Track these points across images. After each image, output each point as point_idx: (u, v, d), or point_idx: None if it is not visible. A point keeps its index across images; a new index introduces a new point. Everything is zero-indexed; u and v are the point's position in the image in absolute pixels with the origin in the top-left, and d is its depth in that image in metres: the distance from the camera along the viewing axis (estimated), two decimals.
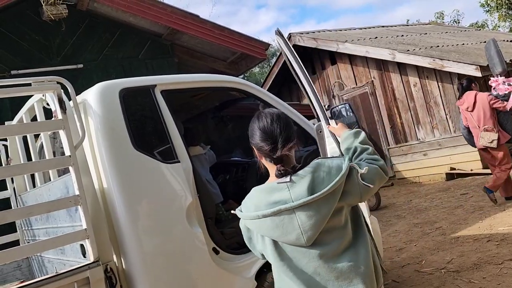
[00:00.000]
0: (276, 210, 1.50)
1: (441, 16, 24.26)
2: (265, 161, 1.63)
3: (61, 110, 2.27)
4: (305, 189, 1.50)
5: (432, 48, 10.07)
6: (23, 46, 5.54)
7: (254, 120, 1.68)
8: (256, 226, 1.58)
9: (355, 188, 1.57)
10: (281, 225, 1.51)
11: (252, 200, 1.61)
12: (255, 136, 1.63)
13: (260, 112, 1.70)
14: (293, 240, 1.52)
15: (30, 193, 3.34)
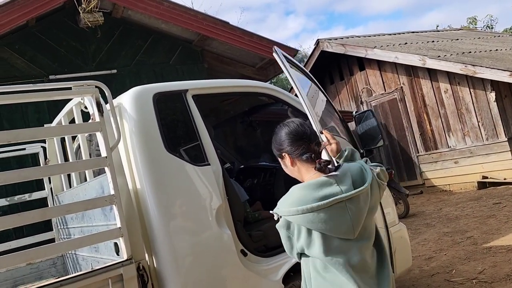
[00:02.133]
0: (332, 200, 1.58)
1: (474, 21, 23.68)
2: (300, 162, 1.72)
3: (98, 113, 2.36)
4: (350, 184, 1.63)
5: (464, 54, 9.87)
6: (61, 52, 5.76)
7: (280, 129, 1.79)
8: (306, 220, 1.59)
9: (375, 185, 1.74)
10: (334, 217, 1.59)
11: (293, 197, 1.65)
12: (286, 142, 1.74)
13: (282, 123, 1.82)
14: (344, 232, 1.61)
15: (67, 193, 3.47)
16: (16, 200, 3.86)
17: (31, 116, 5.37)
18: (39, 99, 2.44)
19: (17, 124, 5.18)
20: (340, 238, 1.61)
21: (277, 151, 1.79)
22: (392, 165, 10.90)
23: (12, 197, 3.88)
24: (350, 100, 12.15)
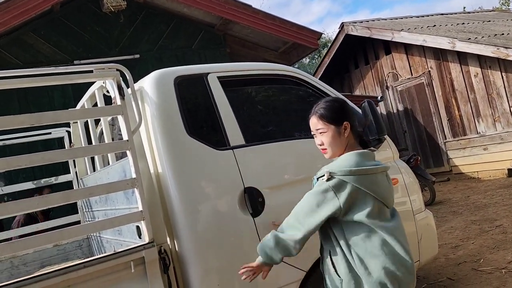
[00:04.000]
0: (382, 167, 1.87)
1: (507, 2, 22.75)
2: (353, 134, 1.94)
3: (120, 97, 2.35)
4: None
5: (496, 36, 9.48)
6: (85, 37, 5.81)
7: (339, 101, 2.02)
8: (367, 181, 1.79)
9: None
10: (382, 183, 1.85)
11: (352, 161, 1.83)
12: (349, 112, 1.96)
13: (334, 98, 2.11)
14: (387, 198, 1.86)
15: (91, 177, 3.52)
16: (43, 183, 3.94)
17: (57, 101, 5.46)
18: (61, 82, 2.44)
19: (44, 109, 5.27)
20: (383, 204, 1.82)
21: (337, 118, 1.91)
22: (418, 152, 10.67)
23: (38, 180, 3.96)
24: (375, 85, 11.90)
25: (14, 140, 3.87)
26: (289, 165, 2.87)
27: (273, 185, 2.73)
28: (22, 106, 5.18)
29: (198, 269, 2.43)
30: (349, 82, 12.72)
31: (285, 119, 3.24)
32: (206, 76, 2.81)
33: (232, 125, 2.74)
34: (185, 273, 2.43)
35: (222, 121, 2.72)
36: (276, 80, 3.15)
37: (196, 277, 2.42)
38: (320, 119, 1.94)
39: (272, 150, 2.84)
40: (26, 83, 2.39)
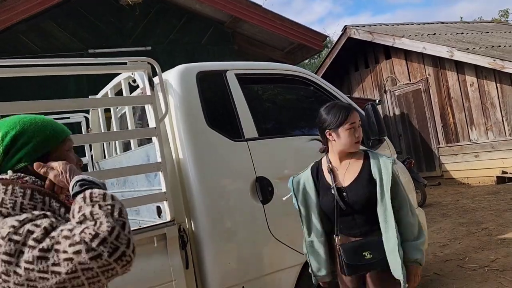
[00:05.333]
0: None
1: (506, 14, 23.13)
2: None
3: (149, 88, 2.59)
4: None
5: (493, 47, 9.79)
6: (100, 28, 6.02)
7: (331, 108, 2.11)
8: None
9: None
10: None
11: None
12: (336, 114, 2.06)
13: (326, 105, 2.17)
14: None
15: (108, 160, 3.75)
16: None
17: (72, 86, 5.66)
18: (95, 72, 2.68)
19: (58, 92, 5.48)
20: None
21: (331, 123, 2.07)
22: (412, 155, 10.98)
23: None
24: (374, 88, 12.19)
25: None
26: (296, 158, 3.12)
27: (282, 176, 2.98)
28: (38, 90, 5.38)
29: (211, 248, 2.68)
30: (349, 84, 13.00)
31: (294, 116, 3.50)
32: (225, 72, 3.05)
33: (247, 119, 2.98)
34: (199, 251, 2.68)
35: (238, 114, 2.97)
36: (288, 80, 3.40)
37: (210, 255, 2.66)
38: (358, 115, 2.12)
39: (282, 144, 3.10)
40: (62, 71, 2.63)
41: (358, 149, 2.11)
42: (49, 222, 1.01)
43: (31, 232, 0.98)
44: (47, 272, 0.95)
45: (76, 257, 0.94)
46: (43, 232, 0.98)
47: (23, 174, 1.20)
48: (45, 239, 0.97)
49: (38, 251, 0.95)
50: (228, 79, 3.04)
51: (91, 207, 1.02)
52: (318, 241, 2.15)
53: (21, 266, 0.96)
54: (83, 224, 0.99)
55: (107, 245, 0.95)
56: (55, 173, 1.18)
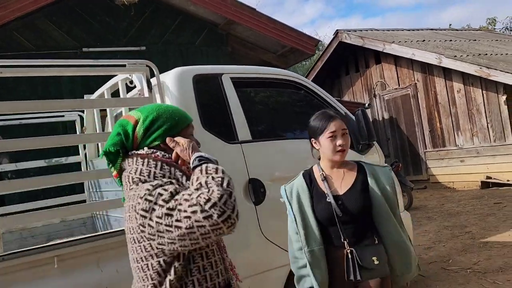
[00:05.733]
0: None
1: (493, 22, 23.57)
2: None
3: (147, 90, 2.66)
4: None
5: (480, 55, 10.02)
6: (94, 27, 6.04)
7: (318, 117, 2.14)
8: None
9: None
10: None
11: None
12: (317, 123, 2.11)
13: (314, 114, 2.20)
14: None
15: (103, 159, 3.79)
16: (54, 162, 4.20)
17: (65, 85, 5.68)
18: (93, 73, 2.73)
19: (51, 91, 5.51)
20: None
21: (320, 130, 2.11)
22: (399, 159, 11.16)
23: (50, 159, 4.22)
24: (364, 92, 12.36)
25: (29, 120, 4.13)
26: (288, 161, 3.20)
27: (274, 178, 3.07)
28: (30, 89, 5.40)
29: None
30: (339, 88, 13.15)
31: (287, 119, 3.59)
32: (221, 76, 3.13)
33: (241, 122, 3.06)
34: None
35: (232, 117, 3.05)
36: (281, 84, 3.49)
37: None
38: (343, 122, 2.11)
39: (275, 147, 3.18)
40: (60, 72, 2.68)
41: (341, 158, 2.09)
42: (174, 188, 1.28)
43: (161, 195, 1.27)
44: (171, 226, 1.21)
45: (193, 215, 1.19)
46: (170, 195, 1.26)
47: (155, 150, 1.46)
48: (171, 200, 1.24)
49: (165, 209, 1.23)
50: (223, 82, 3.12)
51: (205, 178, 1.26)
52: (318, 250, 2.04)
53: (153, 220, 1.25)
54: (199, 190, 1.23)
55: (217, 208, 1.18)
56: (181, 148, 1.43)
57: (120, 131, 1.47)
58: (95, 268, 2.37)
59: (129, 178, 1.39)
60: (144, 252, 1.31)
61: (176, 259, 1.29)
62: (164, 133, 1.47)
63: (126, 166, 1.45)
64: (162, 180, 1.33)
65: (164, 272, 1.29)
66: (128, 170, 1.42)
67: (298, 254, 2.09)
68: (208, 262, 1.36)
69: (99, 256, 2.38)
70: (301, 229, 2.06)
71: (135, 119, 1.48)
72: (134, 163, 1.42)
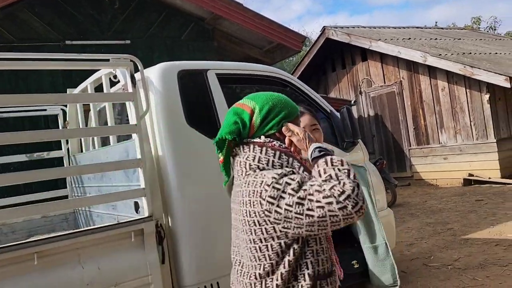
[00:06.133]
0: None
1: (478, 21, 23.90)
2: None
3: (131, 85, 2.63)
4: None
5: (464, 54, 10.15)
6: (78, 19, 5.94)
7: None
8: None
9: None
10: None
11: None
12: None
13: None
14: None
15: (86, 154, 3.74)
16: (36, 157, 4.12)
17: (46, 78, 5.58)
18: (79, 68, 2.68)
19: (31, 84, 5.40)
20: None
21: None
22: (384, 156, 11.27)
23: (31, 154, 4.14)
24: (350, 89, 12.42)
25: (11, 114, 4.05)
26: None
27: None
28: (12, 82, 5.29)
29: (188, 244, 2.74)
30: (325, 84, 13.20)
31: None
32: (206, 72, 3.11)
33: None
34: (176, 246, 2.74)
35: (217, 113, 3.03)
36: (267, 81, 3.48)
37: (186, 250, 2.73)
38: (314, 117, 2.07)
39: None
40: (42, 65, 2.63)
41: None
42: (300, 178, 1.35)
43: (288, 184, 1.34)
44: (302, 214, 1.30)
45: (327, 206, 1.27)
46: (298, 185, 1.33)
47: (272, 139, 1.50)
48: (299, 190, 1.32)
49: (296, 198, 1.31)
50: (208, 78, 3.10)
51: (333, 170, 1.33)
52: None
53: (282, 207, 1.33)
54: (329, 182, 1.30)
55: (351, 200, 1.27)
56: (298, 137, 1.48)
57: (238, 120, 1.52)
58: (76, 265, 2.35)
59: (245, 164, 1.46)
60: (265, 234, 1.39)
61: (296, 242, 1.38)
62: (279, 122, 1.52)
63: (239, 153, 1.50)
64: (285, 169, 1.40)
65: (283, 253, 1.39)
66: (244, 157, 1.48)
67: None
68: (320, 247, 1.44)
69: (80, 252, 2.36)
70: None
71: (251, 108, 1.53)
72: (251, 150, 1.48)
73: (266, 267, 1.40)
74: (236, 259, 1.53)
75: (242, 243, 1.47)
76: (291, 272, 1.39)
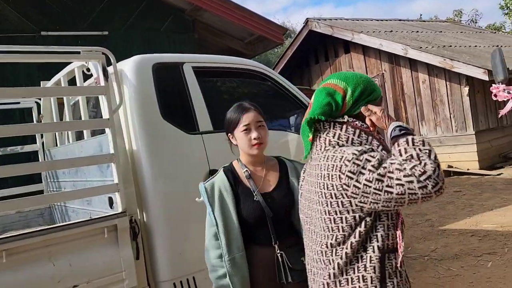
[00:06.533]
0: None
1: (459, 14, 24.17)
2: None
3: (104, 78, 2.57)
4: None
5: (445, 47, 10.26)
6: (54, 9, 5.79)
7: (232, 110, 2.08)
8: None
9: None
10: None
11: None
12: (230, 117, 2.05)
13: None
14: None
15: (60, 149, 3.67)
16: (9, 151, 4.03)
17: (22, 71, 5.44)
18: (47, 60, 2.63)
19: (7, 76, 5.26)
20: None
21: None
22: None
23: (4, 148, 4.04)
24: None
25: None
26: None
27: None
28: None
29: (163, 239, 2.72)
30: (309, 76, 13.20)
31: None
32: (182, 65, 3.06)
33: (203, 112, 3.02)
34: (151, 241, 2.72)
35: (193, 107, 2.99)
36: (245, 74, 3.44)
37: (161, 246, 2.71)
38: (260, 114, 2.01)
39: None
40: (12, 59, 2.56)
41: (259, 152, 1.97)
42: (379, 156, 1.40)
43: (369, 161, 1.38)
44: (380, 191, 1.35)
45: (408, 184, 1.31)
46: (378, 162, 1.37)
47: (354, 119, 1.56)
48: (379, 167, 1.36)
49: (376, 175, 1.35)
50: (185, 71, 3.05)
51: (414, 150, 1.35)
52: (240, 257, 1.92)
53: (361, 182, 1.38)
54: (410, 162, 1.33)
55: (431, 180, 1.30)
56: (377, 116, 1.52)
57: (331, 101, 1.56)
58: (47, 262, 2.31)
59: (325, 140, 1.54)
60: (340, 207, 1.45)
61: (369, 215, 1.43)
62: (366, 103, 1.57)
63: (320, 129, 1.58)
64: (365, 147, 1.46)
65: (356, 226, 1.44)
66: (325, 133, 1.56)
67: (216, 262, 1.94)
68: (391, 222, 1.47)
69: (51, 249, 2.32)
70: (223, 234, 1.91)
71: (343, 89, 1.57)
72: (332, 128, 1.55)
73: (339, 237, 1.47)
74: (306, 227, 1.62)
75: (316, 214, 1.53)
76: (361, 243, 1.45)
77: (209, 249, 1.99)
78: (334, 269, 1.48)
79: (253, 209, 1.94)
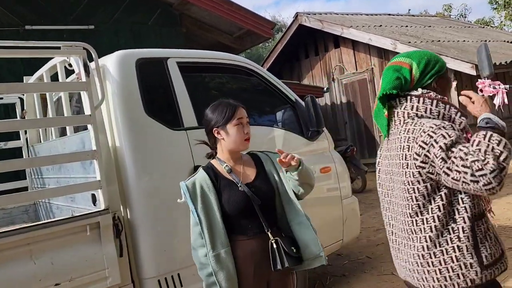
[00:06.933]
0: None
1: (449, 8, 24.27)
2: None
3: (85, 74, 2.53)
4: None
5: (434, 42, 10.29)
6: (38, 2, 5.70)
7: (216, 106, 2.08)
8: None
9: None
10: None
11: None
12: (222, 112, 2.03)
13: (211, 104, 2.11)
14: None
15: (44, 145, 3.63)
16: None
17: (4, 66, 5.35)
18: (28, 55, 2.57)
19: None
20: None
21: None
22: (356, 142, 11.41)
23: None
24: (323, 76, 12.46)
25: None
26: None
27: None
28: None
29: (147, 236, 2.70)
30: (299, 71, 13.19)
31: None
32: (166, 60, 3.03)
33: (187, 108, 2.99)
34: (135, 239, 2.69)
35: (178, 103, 2.97)
36: (230, 69, 3.42)
37: (145, 243, 2.69)
38: (245, 111, 2.06)
39: None
40: None
41: (247, 147, 2.04)
42: (455, 137, 1.47)
43: (444, 137, 1.47)
44: (441, 169, 1.46)
45: (463, 174, 1.41)
46: (451, 143, 1.46)
47: (428, 90, 1.66)
48: (449, 149, 1.45)
49: (444, 154, 1.45)
50: (169, 67, 3.02)
51: (485, 147, 1.41)
52: (225, 252, 1.92)
53: (430, 153, 1.49)
54: (475, 155, 1.40)
55: (485, 178, 1.38)
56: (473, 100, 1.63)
57: (400, 76, 1.67)
58: (28, 261, 2.28)
59: (404, 113, 1.64)
60: (411, 177, 1.55)
61: (444, 186, 1.51)
62: (435, 74, 1.69)
63: (396, 105, 1.67)
64: (444, 123, 1.53)
65: (429, 196, 1.54)
66: (402, 107, 1.65)
67: (205, 260, 1.93)
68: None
69: (32, 248, 2.29)
70: (206, 231, 1.91)
71: (409, 64, 1.69)
72: (409, 101, 1.64)
73: (414, 207, 1.56)
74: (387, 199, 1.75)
75: (396, 184, 1.64)
76: (449, 216, 1.53)
77: (196, 248, 1.98)
78: (427, 242, 1.56)
79: (239, 199, 1.96)
